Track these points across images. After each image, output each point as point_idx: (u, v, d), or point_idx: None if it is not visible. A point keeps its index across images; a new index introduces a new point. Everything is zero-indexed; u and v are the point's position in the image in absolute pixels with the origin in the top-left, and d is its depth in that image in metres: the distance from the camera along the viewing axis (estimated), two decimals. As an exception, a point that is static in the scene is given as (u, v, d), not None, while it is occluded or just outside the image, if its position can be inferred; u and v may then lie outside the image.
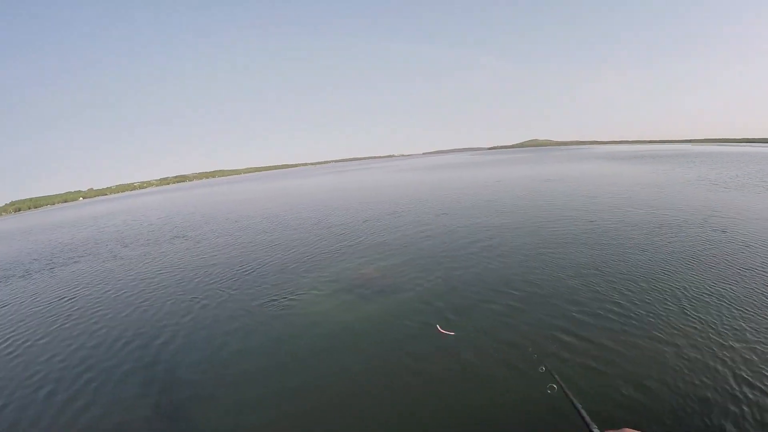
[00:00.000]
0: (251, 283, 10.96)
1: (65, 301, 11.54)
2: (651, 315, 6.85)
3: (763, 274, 8.41)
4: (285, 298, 9.43)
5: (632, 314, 6.95)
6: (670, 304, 7.25)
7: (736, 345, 5.76)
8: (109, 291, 12.06)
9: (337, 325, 7.74)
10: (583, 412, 1.37)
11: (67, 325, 9.60)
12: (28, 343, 8.75)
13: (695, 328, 6.30)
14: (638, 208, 16.07)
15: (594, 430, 1.47)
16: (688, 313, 6.82)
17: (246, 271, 12.22)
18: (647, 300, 7.48)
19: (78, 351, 7.98)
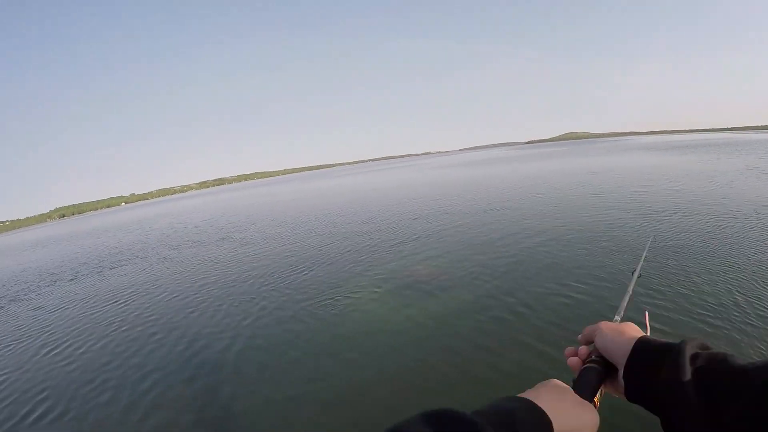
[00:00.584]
0: (306, 283, 10.67)
1: (118, 305, 11.46)
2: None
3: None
4: (342, 296, 9.19)
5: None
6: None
7: None
8: (161, 294, 11.91)
9: (395, 323, 7.54)
10: None
11: (121, 330, 9.43)
12: (82, 349, 8.60)
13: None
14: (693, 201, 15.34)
15: None
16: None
17: (298, 271, 11.89)
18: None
19: (134, 357, 7.72)
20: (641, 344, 0.80)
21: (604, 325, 0.90)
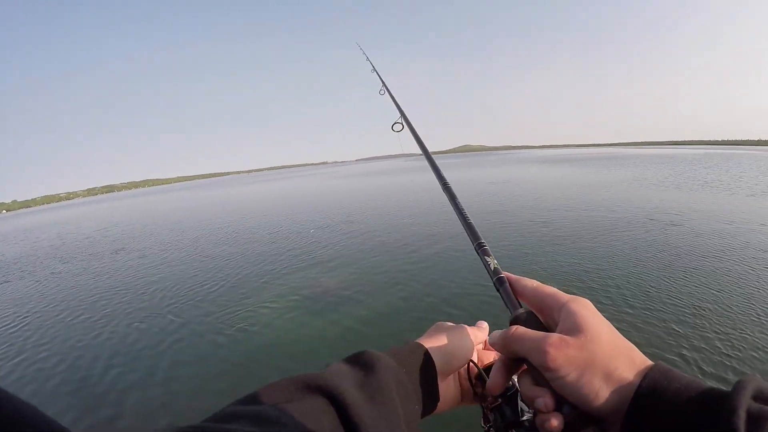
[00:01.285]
0: (204, 298, 10.06)
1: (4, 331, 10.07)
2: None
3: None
4: (244, 312, 8.78)
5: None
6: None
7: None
8: (44, 314, 10.57)
9: (299, 340, 7.31)
10: None
11: (10, 362, 8.25)
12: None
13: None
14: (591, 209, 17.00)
15: None
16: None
17: (199, 285, 11.11)
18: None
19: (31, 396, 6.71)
20: (654, 387, 0.49)
21: (546, 337, 0.56)
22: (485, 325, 0.86)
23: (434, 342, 0.74)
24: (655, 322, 6.19)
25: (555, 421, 0.53)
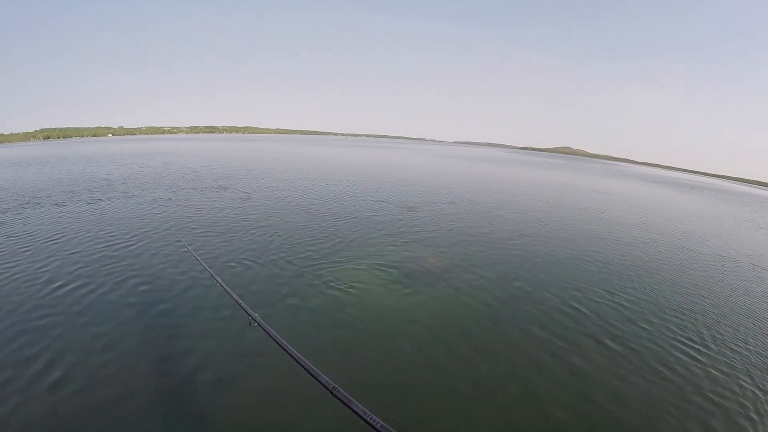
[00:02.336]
0: (309, 253, 10.66)
1: (100, 240, 11.21)
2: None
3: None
4: (343, 276, 9.24)
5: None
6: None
7: None
8: (148, 239, 11.53)
9: (397, 312, 7.72)
10: None
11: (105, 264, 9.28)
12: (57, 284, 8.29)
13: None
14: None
15: None
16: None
17: (302, 239, 11.88)
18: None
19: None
20: None
21: None
22: None
23: None
24: None
25: None
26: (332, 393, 2.04)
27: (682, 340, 7.44)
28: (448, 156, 76.88)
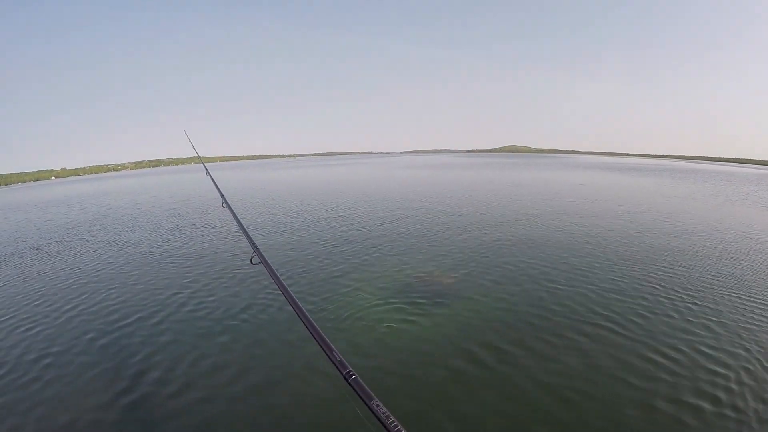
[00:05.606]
0: (305, 283, 10.06)
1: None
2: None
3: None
4: (343, 302, 8.80)
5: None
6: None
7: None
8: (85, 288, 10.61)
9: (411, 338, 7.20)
10: None
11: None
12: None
13: None
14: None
15: None
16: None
17: (295, 268, 11.19)
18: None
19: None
20: None
21: None
22: None
23: None
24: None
25: None
26: (346, 380, 1.71)
27: None
28: (401, 167, 76.67)
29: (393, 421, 1.44)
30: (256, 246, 3.43)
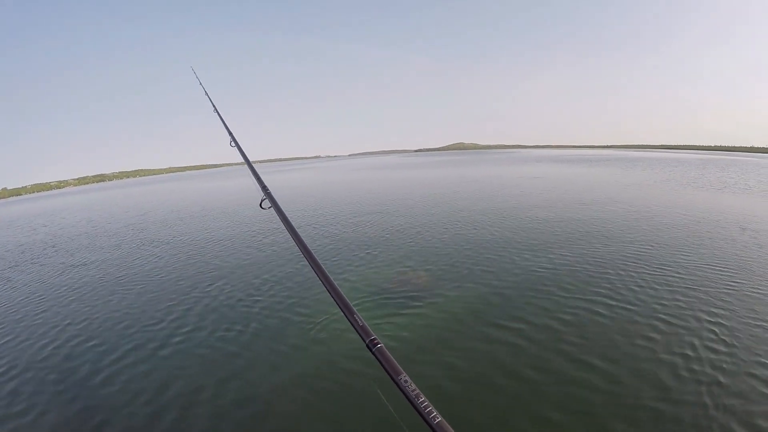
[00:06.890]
0: (273, 291, 9.83)
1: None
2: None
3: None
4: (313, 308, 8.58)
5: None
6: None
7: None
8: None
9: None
10: None
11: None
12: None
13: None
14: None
15: None
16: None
17: (264, 278, 10.95)
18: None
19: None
20: None
21: None
22: None
23: None
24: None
25: None
26: (370, 349, 1.52)
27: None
28: (359, 169, 75.85)
29: (423, 401, 1.28)
30: (267, 189, 3.07)
